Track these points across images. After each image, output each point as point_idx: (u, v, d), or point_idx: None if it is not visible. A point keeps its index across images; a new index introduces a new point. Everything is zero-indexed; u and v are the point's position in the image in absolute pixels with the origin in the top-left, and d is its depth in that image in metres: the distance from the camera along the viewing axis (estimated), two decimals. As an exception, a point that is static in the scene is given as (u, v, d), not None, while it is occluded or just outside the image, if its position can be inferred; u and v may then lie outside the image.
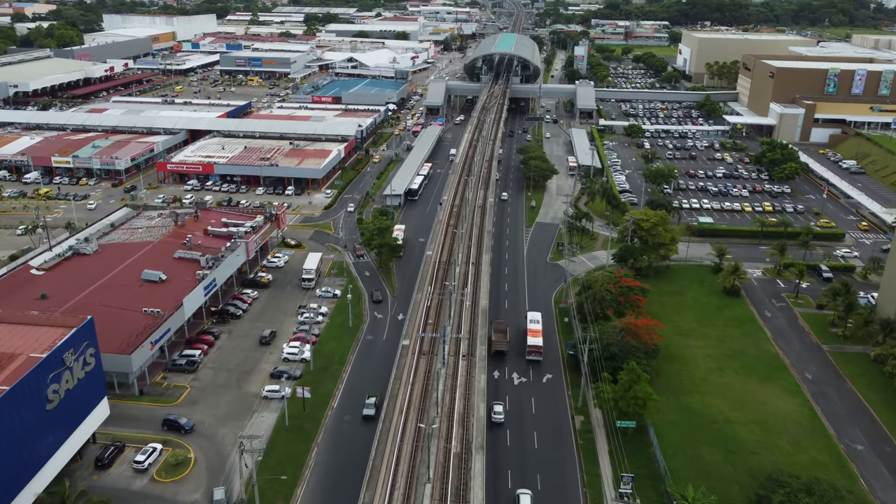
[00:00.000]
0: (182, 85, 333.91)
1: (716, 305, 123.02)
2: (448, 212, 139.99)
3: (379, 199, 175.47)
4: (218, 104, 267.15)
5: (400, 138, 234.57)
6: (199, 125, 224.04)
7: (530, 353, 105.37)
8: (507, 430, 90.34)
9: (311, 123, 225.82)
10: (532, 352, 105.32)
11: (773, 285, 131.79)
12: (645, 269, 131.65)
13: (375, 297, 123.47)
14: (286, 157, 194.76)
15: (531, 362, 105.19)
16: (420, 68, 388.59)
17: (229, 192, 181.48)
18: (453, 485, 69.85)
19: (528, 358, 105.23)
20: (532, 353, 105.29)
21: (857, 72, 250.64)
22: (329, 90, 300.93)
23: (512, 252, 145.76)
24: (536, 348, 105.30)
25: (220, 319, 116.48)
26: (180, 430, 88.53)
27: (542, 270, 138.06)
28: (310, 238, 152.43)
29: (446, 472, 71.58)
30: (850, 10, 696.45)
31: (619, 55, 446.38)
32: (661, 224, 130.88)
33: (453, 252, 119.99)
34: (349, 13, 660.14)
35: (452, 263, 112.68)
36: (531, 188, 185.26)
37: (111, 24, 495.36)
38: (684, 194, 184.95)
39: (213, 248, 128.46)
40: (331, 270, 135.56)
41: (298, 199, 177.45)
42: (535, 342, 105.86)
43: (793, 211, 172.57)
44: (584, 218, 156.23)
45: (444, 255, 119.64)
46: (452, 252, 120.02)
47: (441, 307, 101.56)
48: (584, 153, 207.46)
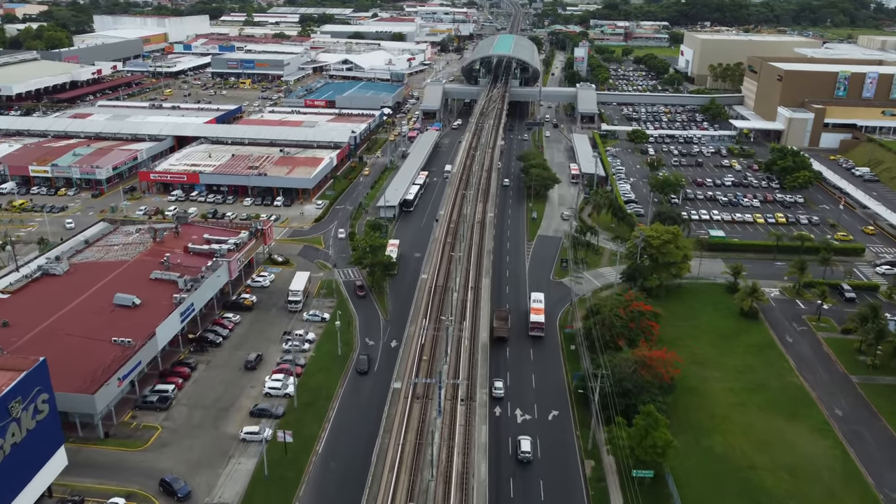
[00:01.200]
0: (172, 88, 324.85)
1: (733, 330, 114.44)
2: (445, 229, 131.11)
3: (372, 211, 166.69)
4: (207, 109, 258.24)
5: (395, 144, 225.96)
6: (186, 131, 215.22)
7: (532, 329, 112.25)
8: (510, 479, 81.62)
9: (302, 129, 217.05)
10: (534, 328, 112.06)
11: (792, 306, 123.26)
12: (655, 288, 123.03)
13: (360, 368, 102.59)
14: (275, 165, 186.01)
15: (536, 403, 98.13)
16: (416, 70, 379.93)
17: (215, 203, 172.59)
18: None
19: (531, 334, 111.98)
20: (534, 329, 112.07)
21: (867, 75, 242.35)
22: (322, 93, 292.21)
23: (513, 270, 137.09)
24: (538, 324, 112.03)
25: (198, 348, 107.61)
26: (173, 494, 78.41)
27: (546, 290, 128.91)
28: (298, 254, 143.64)
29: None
30: (850, 11, 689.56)
31: (619, 56, 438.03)
32: (673, 241, 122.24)
33: (451, 274, 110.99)
34: (345, 13, 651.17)
35: (449, 289, 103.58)
36: (532, 198, 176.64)
37: (102, 26, 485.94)
38: (692, 204, 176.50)
39: (192, 267, 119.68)
40: (320, 290, 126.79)
41: (288, 211, 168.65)
42: (537, 319, 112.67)
43: (807, 223, 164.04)
44: (588, 232, 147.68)
45: (441, 279, 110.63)
46: (449, 275, 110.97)
47: (437, 343, 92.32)
48: (587, 160, 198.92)
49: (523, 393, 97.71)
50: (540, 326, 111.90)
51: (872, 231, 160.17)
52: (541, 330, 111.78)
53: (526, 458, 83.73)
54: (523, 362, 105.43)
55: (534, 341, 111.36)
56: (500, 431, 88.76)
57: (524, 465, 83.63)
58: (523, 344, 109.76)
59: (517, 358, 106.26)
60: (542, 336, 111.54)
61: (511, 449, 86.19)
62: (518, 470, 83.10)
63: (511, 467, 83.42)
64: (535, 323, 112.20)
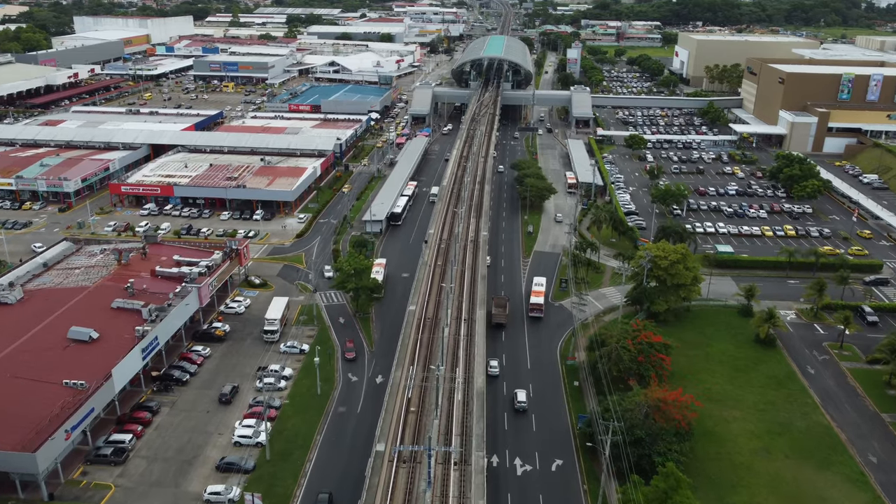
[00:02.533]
0: (152, 92, 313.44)
1: (749, 359, 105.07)
2: (435, 251, 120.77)
3: (358, 225, 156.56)
4: (187, 114, 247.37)
5: (382, 151, 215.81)
6: (163, 139, 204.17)
7: (532, 310, 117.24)
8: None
9: (284, 137, 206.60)
10: (533, 309, 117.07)
11: (811, 332, 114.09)
12: (663, 313, 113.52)
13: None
14: (255, 175, 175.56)
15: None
16: (405, 72, 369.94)
17: (190, 218, 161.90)
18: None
19: (531, 315, 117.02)
20: (533, 310, 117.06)
21: (872, 77, 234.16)
22: (307, 97, 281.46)
23: (509, 290, 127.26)
24: (537, 306, 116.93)
25: (163, 387, 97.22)
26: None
27: (545, 315, 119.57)
28: (278, 274, 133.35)
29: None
30: (842, 10, 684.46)
31: (612, 57, 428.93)
32: (682, 261, 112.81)
33: (441, 305, 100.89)
34: (333, 14, 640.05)
35: (440, 325, 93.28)
36: (527, 209, 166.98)
37: (82, 27, 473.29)
38: (696, 216, 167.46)
39: (159, 294, 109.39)
40: (299, 317, 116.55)
41: (268, 225, 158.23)
42: (537, 301, 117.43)
43: (818, 235, 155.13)
44: (589, 248, 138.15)
45: (431, 310, 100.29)
46: (440, 306, 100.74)
47: (425, 394, 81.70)
48: (584, 169, 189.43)
49: (523, 439, 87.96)
50: (539, 308, 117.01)
51: (870, 235, 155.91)
52: (539, 311, 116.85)
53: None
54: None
55: (534, 373, 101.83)
56: (498, 488, 78.84)
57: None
58: (522, 377, 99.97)
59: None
60: (540, 317, 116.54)
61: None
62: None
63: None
64: (535, 304, 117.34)
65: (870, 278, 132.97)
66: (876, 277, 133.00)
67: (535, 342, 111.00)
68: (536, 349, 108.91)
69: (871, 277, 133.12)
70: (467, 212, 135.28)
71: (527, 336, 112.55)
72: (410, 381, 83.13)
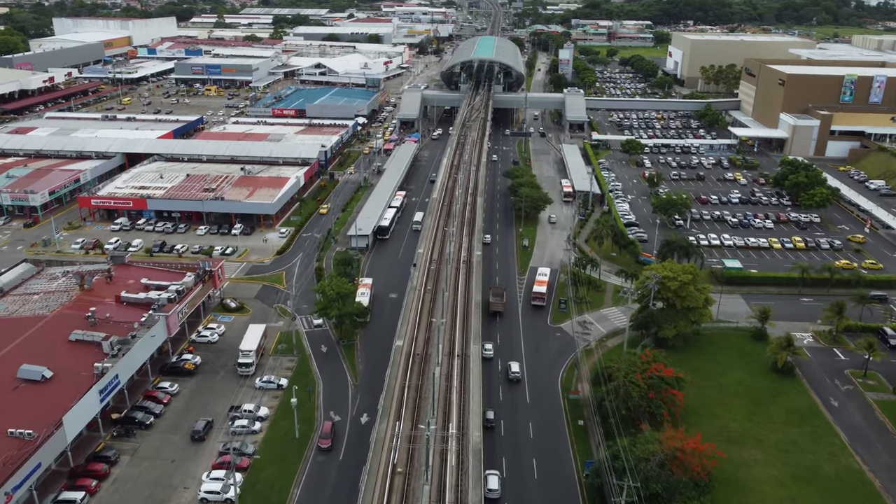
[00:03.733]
0: (131, 96, 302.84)
1: (768, 391, 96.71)
2: (424, 274, 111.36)
3: (343, 240, 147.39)
4: (165, 120, 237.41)
5: (369, 159, 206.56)
6: (138, 147, 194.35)
7: (534, 299, 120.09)
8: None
9: (266, 144, 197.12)
10: (536, 297, 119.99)
11: (831, 358, 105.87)
12: (672, 339, 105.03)
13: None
14: (235, 186, 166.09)
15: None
16: (394, 74, 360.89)
17: (164, 233, 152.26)
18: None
19: (533, 304, 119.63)
20: (536, 298, 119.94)
21: (875, 78, 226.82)
22: (292, 101, 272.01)
23: (504, 314, 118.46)
24: (540, 295, 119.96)
25: (123, 431, 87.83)
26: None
27: (543, 339, 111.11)
28: (256, 296, 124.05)
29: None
30: (832, 9, 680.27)
31: (605, 57, 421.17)
32: (693, 283, 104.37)
33: (431, 340, 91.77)
34: (320, 14, 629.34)
35: (431, 364, 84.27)
36: (522, 221, 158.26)
37: (62, 29, 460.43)
38: (699, 226, 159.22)
39: (123, 324, 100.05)
40: (277, 345, 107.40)
41: (247, 241, 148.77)
42: (540, 290, 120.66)
43: (829, 247, 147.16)
44: (589, 264, 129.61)
45: (420, 344, 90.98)
46: (430, 341, 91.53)
47: (414, 450, 72.45)
48: (580, 176, 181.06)
49: (523, 487, 79.20)
50: (541, 297, 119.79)
51: (862, 240, 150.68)
52: (542, 300, 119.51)
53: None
54: (522, 442, 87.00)
55: (534, 408, 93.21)
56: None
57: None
58: (519, 420, 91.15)
59: (514, 438, 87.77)
60: (542, 305, 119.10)
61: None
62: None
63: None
64: (537, 293, 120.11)
65: (869, 294, 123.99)
66: (875, 294, 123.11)
67: (535, 371, 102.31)
68: (536, 380, 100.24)
69: (870, 294, 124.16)
70: (459, 228, 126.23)
71: (525, 365, 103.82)
72: (396, 439, 73.54)
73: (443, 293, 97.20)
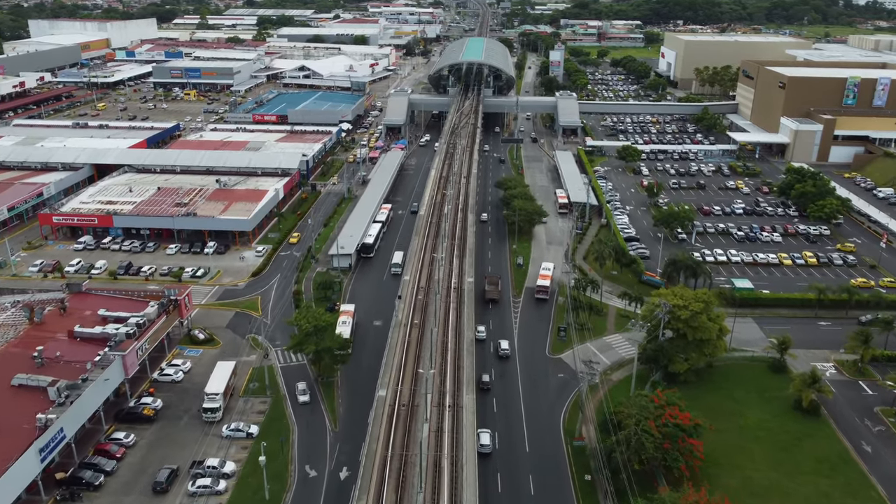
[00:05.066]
0: (107, 101, 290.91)
1: (792, 434, 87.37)
2: (410, 305, 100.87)
3: (324, 260, 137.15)
4: (140, 127, 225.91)
5: (353, 169, 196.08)
6: (107, 158, 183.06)
7: (538, 292, 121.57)
8: None
9: (244, 154, 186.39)
10: (540, 291, 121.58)
11: (857, 392, 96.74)
12: (683, 373, 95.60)
13: None
14: (209, 200, 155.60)
15: None
16: (380, 77, 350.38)
17: (131, 252, 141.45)
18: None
19: (537, 297, 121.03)
20: (540, 292, 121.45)
21: (879, 80, 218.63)
22: (274, 106, 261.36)
23: (497, 338, 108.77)
24: (543, 288, 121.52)
25: (69, 494, 77.28)
26: None
27: (542, 372, 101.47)
28: (227, 325, 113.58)
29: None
30: (822, 8, 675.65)
31: (596, 59, 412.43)
32: (706, 311, 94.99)
33: (418, 389, 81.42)
34: (306, 15, 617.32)
35: (418, 410, 74.27)
36: (516, 237, 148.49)
37: (38, 31, 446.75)
38: (703, 240, 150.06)
39: (76, 363, 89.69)
40: (249, 384, 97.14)
41: (221, 260, 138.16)
42: (543, 283, 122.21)
43: (842, 263, 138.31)
44: (589, 286, 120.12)
45: (406, 393, 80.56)
46: (416, 390, 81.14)
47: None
48: (577, 187, 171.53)
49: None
50: (545, 290, 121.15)
51: (852, 248, 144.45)
52: (545, 293, 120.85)
53: None
54: (522, 499, 77.21)
55: (534, 456, 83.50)
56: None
57: None
58: (520, 472, 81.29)
59: (513, 488, 77.99)
60: (546, 299, 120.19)
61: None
62: None
63: None
64: (541, 287, 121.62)
65: (865, 318, 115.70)
66: (874, 316, 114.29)
67: (534, 410, 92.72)
68: (535, 420, 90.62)
69: (866, 316, 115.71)
70: (449, 251, 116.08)
71: (523, 402, 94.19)
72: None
73: (431, 332, 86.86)
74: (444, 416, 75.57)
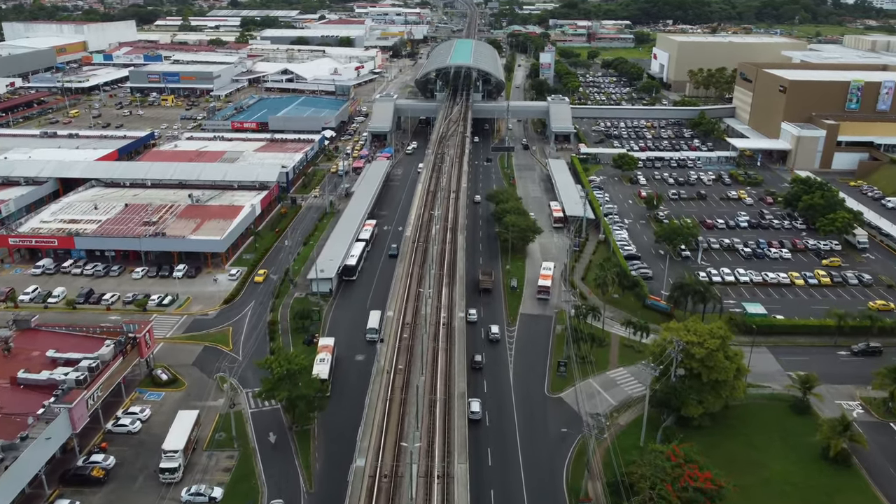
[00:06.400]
0: (80, 108, 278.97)
1: (822, 490, 78.23)
2: (394, 349, 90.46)
3: (303, 284, 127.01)
4: (112, 136, 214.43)
5: (335, 182, 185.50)
6: (73, 171, 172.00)
7: (539, 292, 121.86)
8: None
9: (220, 166, 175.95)
10: (541, 291, 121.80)
11: (889, 437, 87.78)
12: (697, 418, 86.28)
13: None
14: (180, 218, 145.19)
15: None
16: (366, 80, 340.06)
17: (94, 277, 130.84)
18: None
19: (538, 297, 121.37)
20: (541, 292, 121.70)
21: (883, 84, 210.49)
22: (254, 112, 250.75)
23: (491, 380, 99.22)
24: (545, 288, 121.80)
25: (-1, 579, 67.22)
26: None
27: (540, 414, 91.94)
28: (194, 362, 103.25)
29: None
30: (811, 7, 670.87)
31: (586, 60, 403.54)
32: (722, 348, 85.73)
33: (406, 440, 71.30)
34: (291, 16, 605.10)
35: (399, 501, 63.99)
36: (509, 255, 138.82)
37: (12, 34, 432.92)
38: (708, 257, 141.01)
39: (17, 417, 79.25)
40: (214, 435, 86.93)
41: (191, 285, 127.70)
42: (545, 283, 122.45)
43: (857, 283, 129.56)
44: (590, 313, 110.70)
45: (388, 462, 70.04)
46: (400, 457, 70.87)
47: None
48: (572, 199, 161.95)
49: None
50: (546, 290, 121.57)
51: (837, 262, 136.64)
52: (547, 293, 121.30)
53: None
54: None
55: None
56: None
57: None
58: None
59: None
60: (547, 299, 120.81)
61: None
62: None
63: None
64: (542, 287, 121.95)
65: (857, 347, 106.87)
66: (867, 345, 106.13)
67: (533, 461, 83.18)
68: (535, 473, 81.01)
69: (859, 346, 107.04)
70: (437, 281, 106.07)
71: (520, 451, 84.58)
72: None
73: (419, 372, 76.90)
74: (433, 489, 65.49)
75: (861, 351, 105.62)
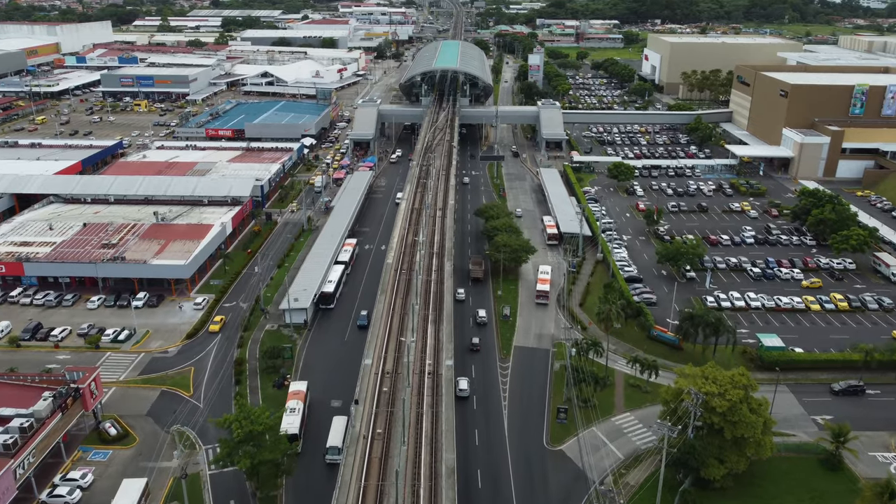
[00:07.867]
0: (48, 114, 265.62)
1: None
2: (372, 406, 79.04)
3: (275, 315, 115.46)
4: (77, 146, 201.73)
5: (313, 197, 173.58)
6: (30, 186, 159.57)
7: (538, 296, 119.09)
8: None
9: (190, 179, 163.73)
10: (540, 296, 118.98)
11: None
12: (720, 479, 75.78)
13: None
14: (143, 239, 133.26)
15: None
16: (349, 83, 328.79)
17: (45, 307, 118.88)
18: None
19: (537, 302, 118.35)
20: (540, 296, 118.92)
21: (888, 88, 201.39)
22: (231, 119, 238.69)
23: (483, 427, 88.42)
24: (544, 293, 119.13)
25: None
26: None
27: (539, 473, 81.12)
28: (148, 412, 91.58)
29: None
30: (799, 6, 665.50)
31: (575, 60, 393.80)
32: (747, 400, 75.25)
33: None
34: (273, 16, 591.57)
35: None
36: (500, 278, 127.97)
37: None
38: (715, 279, 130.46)
39: (-72, 493, 67.47)
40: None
41: (152, 316, 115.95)
42: (543, 288, 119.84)
43: (877, 307, 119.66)
44: (592, 348, 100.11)
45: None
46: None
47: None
48: (567, 216, 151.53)
49: None
50: (545, 294, 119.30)
51: (818, 283, 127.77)
52: (545, 298, 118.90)
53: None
54: None
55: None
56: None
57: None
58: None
59: None
60: (546, 304, 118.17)
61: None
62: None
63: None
64: (541, 292, 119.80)
65: (838, 386, 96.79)
66: (848, 385, 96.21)
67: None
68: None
69: (840, 385, 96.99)
70: (422, 320, 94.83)
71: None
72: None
73: (402, 426, 65.75)
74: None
75: (842, 390, 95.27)
